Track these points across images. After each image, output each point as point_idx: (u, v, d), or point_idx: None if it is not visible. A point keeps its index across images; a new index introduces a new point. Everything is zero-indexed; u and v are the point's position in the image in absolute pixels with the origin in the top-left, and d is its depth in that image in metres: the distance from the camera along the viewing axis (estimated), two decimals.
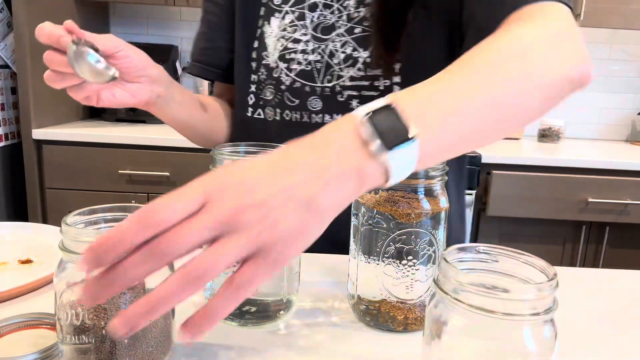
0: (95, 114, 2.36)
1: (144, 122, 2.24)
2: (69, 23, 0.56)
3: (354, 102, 0.76)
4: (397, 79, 0.73)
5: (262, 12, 0.80)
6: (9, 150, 2.01)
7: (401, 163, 0.34)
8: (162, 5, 2.14)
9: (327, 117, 0.78)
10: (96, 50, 0.57)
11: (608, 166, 1.95)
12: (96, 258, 0.29)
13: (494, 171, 1.93)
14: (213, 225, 0.30)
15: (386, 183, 0.35)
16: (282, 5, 0.79)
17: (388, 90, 0.74)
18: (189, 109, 0.79)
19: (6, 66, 1.98)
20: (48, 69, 0.60)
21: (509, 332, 0.35)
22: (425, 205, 0.53)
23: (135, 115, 2.24)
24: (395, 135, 0.33)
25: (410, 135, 0.33)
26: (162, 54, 2.23)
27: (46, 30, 0.55)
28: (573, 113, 2.60)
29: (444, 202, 0.55)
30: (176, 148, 1.92)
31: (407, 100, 0.35)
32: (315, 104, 0.77)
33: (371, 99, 0.75)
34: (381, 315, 0.55)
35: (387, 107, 0.34)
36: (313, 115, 0.78)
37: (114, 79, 0.59)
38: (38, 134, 1.92)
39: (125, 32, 2.52)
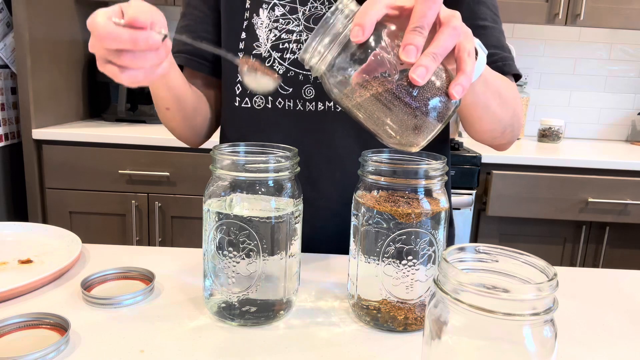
0: (95, 114, 2.36)
1: (144, 122, 2.24)
2: None
3: None
4: None
5: (247, 5, 0.82)
6: (9, 150, 2.01)
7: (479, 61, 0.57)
8: (162, 5, 2.14)
9: (320, 104, 0.79)
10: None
11: (608, 166, 1.95)
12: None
13: (494, 171, 1.93)
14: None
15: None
16: None
17: None
18: (182, 78, 0.78)
19: (6, 66, 1.98)
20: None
21: (509, 332, 0.35)
22: (425, 205, 0.53)
23: (135, 115, 2.24)
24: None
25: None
26: None
27: None
28: (573, 113, 2.60)
29: (444, 202, 0.55)
30: (176, 148, 1.92)
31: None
32: (309, 92, 0.79)
33: None
34: (381, 315, 0.55)
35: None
36: (307, 104, 0.79)
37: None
38: (38, 134, 1.92)
39: None
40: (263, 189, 0.54)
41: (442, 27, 0.46)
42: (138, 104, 2.24)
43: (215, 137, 0.94)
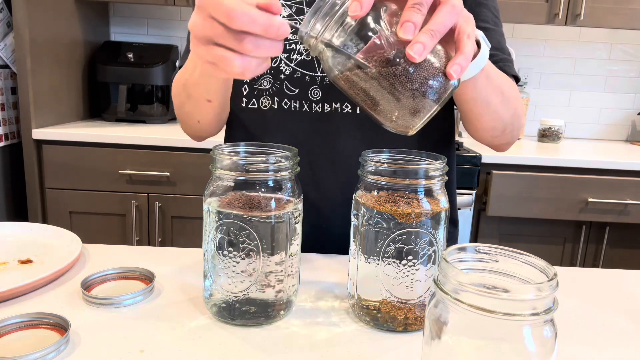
0: (96, 114, 2.36)
1: (144, 122, 2.24)
2: None
3: None
4: None
5: None
6: (9, 150, 2.01)
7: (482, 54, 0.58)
8: (162, 5, 2.14)
9: (326, 106, 0.79)
10: None
11: (608, 166, 1.95)
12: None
13: (494, 171, 1.93)
14: None
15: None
16: None
17: None
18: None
19: (6, 66, 1.98)
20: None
21: (509, 332, 0.35)
22: (425, 205, 0.53)
23: (135, 115, 2.24)
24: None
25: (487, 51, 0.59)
26: (162, 54, 2.23)
27: None
28: (573, 113, 2.60)
29: (444, 202, 0.55)
30: (176, 148, 1.92)
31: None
32: (316, 93, 0.79)
33: None
34: (381, 315, 0.55)
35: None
36: (313, 105, 0.79)
37: None
38: (38, 134, 1.92)
39: (125, 32, 2.52)
40: (263, 189, 0.54)
41: (440, 5, 0.46)
42: (138, 104, 2.24)
43: (215, 137, 0.93)
